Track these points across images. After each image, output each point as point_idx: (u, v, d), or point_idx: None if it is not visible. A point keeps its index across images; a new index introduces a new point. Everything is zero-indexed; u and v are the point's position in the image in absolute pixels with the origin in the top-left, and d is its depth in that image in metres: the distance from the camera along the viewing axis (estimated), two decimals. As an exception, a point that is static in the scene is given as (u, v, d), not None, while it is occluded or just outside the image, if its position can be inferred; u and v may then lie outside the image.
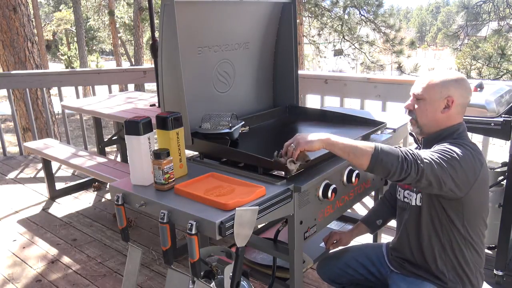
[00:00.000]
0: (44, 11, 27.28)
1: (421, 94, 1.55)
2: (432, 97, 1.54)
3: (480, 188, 1.48)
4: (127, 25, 18.84)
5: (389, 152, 1.38)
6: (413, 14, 69.01)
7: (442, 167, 1.38)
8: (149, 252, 2.84)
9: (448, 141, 1.50)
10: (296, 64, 2.31)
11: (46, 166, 3.70)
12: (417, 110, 1.57)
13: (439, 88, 1.53)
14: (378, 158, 1.37)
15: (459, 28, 9.43)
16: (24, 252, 2.93)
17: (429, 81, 1.54)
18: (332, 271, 1.88)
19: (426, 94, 1.54)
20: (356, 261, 1.84)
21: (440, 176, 1.37)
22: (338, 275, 1.86)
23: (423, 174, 1.36)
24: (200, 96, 1.95)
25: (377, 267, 1.81)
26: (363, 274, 1.82)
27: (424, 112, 1.56)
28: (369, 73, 11.26)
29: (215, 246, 1.74)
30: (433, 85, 1.53)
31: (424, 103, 1.55)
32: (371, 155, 1.38)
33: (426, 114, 1.56)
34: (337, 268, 1.86)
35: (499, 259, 2.31)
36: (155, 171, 1.49)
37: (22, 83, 4.94)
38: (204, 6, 1.86)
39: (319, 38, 12.06)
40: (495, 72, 8.17)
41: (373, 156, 1.38)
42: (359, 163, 1.42)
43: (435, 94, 1.53)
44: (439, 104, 1.53)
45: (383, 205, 1.97)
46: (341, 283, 1.88)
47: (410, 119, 1.61)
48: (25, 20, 5.59)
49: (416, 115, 1.58)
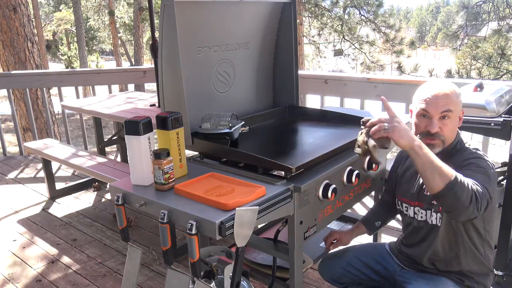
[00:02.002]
0: (44, 11, 27.26)
1: (449, 110, 1.48)
2: (457, 111, 1.52)
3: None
4: (127, 25, 18.85)
5: (465, 189, 1.30)
6: (413, 14, 69.01)
7: (489, 201, 1.36)
8: (149, 252, 2.84)
9: (464, 156, 1.49)
10: (296, 64, 2.31)
11: (46, 166, 3.70)
12: (445, 129, 1.50)
13: (460, 100, 1.52)
14: (453, 188, 1.29)
15: (459, 28, 9.42)
16: (24, 252, 2.93)
17: (450, 96, 1.49)
18: (334, 271, 1.88)
19: (453, 108, 1.49)
20: (359, 260, 1.84)
21: (484, 210, 1.36)
22: (341, 274, 1.85)
23: (478, 214, 1.34)
24: (200, 96, 1.95)
25: (383, 265, 1.81)
26: (367, 273, 1.82)
27: (451, 128, 1.51)
28: (369, 73, 11.26)
29: (215, 246, 1.74)
30: (455, 97, 1.50)
31: (450, 120, 1.50)
32: (448, 182, 1.29)
33: (452, 130, 1.52)
34: (339, 268, 1.85)
35: (499, 259, 2.31)
36: (155, 171, 1.49)
37: (22, 83, 4.94)
38: (204, 6, 1.87)
39: (319, 38, 12.05)
40: (495, 72, 8.17)
41: (450, 184, 1.29)
42: (432, 183, 1.31)
43: (458, 107, 1.52)
44: (458, 116, 1.53)
45: (381, 207, 1.97)
46: (343, 283, 1.88)
47: (434, 140, 1.51)
48: (25, 20, 5.59)
49: (444, 135, 1.51)
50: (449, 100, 1.49)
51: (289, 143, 1.96)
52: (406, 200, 1.70)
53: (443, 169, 1.31)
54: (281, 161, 1.57)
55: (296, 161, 1.66)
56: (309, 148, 1.86)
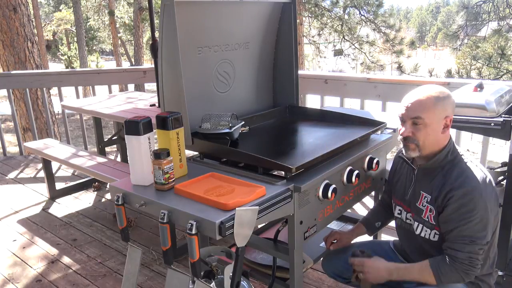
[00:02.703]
0: (44, 11, 27.27)
1: (419, 117, 1.49)
2: (431, 118, 1.49)
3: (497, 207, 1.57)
4: (127, 25, 18.85)
5: (453, 273, 1.47)
6: (413, 14, 69.00)
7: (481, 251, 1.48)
8: (149, 252, 2.84)
9: (451, 182, 1.49)
10: (296, 64, 2.31)
11: (46, 166, 3.70)
12: (418, 135, 1.51)
13: (440, 107, 1.49)
14: (443, 280, 1.49)
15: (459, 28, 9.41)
16: (24, 252, 2.93)
17: (423, 102, 1.49)
18: (337, 266, 1.88)
19: (425, 116, 1.48)
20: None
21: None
22: (344, 269, 1.85)
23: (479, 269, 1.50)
24: (200, 96, 1.95)
25: None
26: None
27: (424, 135, 1.51)
28: (369, 73, 11.26)
29: (215, 246, 1.73)
30: (430, 105, 1.48)
31: (424, 126, 1.50)
32: (437, 279, 1.49)
33: (427, 137, 1.51)
34: (343, 263, 1.85)
35: (499, 259, 2.30)
36: (155, 171, 1.49)
37: (22, 83, 4.94)
38: (204, 6, 1.86)
39: (319, 38, 12.06)
40: (495, 72, 8.17)
41: (438, 280, 1.49)
42: (425, 284, 1.53)
43: (434, 114, 1.49)
44: (439, 125, 1.51)
45: (381, 208, 1.97)
46: (346, 278, 1.88)
47: (408, 144, 1.55)
48: (25, 20, 5.59)
49: (417, 139, 1.52)
50: (421, 107, 1.48)
51: (289, 143, 1.96)
52: (401, 204, 1.71)
53: (425, 275, 1.50)
54: (281, 161, 1.57)
55: (296, 161, 1.66)
56: (309, 148, 1.86)
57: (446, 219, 1.50)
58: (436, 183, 1.54)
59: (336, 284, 2.40)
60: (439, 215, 1.52)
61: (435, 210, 1.54)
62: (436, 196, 1.53)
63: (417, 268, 1.55)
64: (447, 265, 1.47)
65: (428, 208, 1.57)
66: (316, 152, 1.70)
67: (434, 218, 1.55)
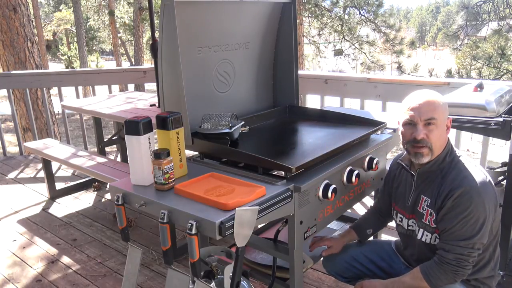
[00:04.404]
0: (44, 11, 27.26)
1: (433, 118, 1.49)
2: (442, 119, 1.51)
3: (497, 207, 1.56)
4: (127, 25, 18.84)
5: (447, 275, 1.48)
6: (413, 14, 68.99)
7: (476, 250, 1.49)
8: (149, 252, 2.84)
9: (450, 183, 1.49)
10: (296, 64, 2.31)
11: (46, 166, 3.70)
12: (431, 136, 1.50)
13: (444, 108, 1.53)
14: (436, 284, 1.50)
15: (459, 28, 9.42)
16: (24, 252, 2.93)
17: (434, 103, 1.50)
18: (338, 265, 1.88)
19: (437, 116, 1.50)
20: (364, 256, 1.84)
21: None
22: (345, 268, 1.85)
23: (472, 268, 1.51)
24: (200, 96, 1.95)
25: (388, 262, 1.81)
26: (371, 269, 1.82)
27: (437, 136, 1.51)
28: (369, 73, 11.26)
29: (215, 246, 1.73)
30: (439, 106, 1.51)
31: (436, 127, 1.50)
32: (430, 285, 1.51)
33: (440, 138, 1.52)
34: (344, 262, 1.85)
35: (499, 259, 2.31)
36: (155, 171, 1.49)
37: (22, 83, 4.94)
38: (204, 6, 1.86)
39: (319, 38, 12.06)
40: (495, 72, 8.17)
41: (432, 285, 1.51)
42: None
43: (443, 115, 1.52)
44: (445, 125, 1.53)
45: (374, 216, 1.96)
46: (347, 277, 1.88)
47: (421, 150, 1.52)
48: (25, 20, 5.59)
49: (430, 142, 1.51)
50: (433, 108, 1.50)
51: (289, 143, 1.96)
52: (402, 212, 1.71)
53: (418, 281, 1.52)
54: (281, 161, 1.57)
55: (296, 161, 1.66)
56: (309, 148, 1.86)
57: (441, 218, 1.50)
58: (435, 186, 1.54)
59: (336, 284, 2.40)
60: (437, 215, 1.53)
61: (435, 213, 1.54)
62: (436, 199, 1.53)
63: (410, 275, 1.56)
64: (435, 267, 1.49)
65: (428, 212, 1.57)
66: (316, 152, 1.70)
67: (434, 221, 1.55)
